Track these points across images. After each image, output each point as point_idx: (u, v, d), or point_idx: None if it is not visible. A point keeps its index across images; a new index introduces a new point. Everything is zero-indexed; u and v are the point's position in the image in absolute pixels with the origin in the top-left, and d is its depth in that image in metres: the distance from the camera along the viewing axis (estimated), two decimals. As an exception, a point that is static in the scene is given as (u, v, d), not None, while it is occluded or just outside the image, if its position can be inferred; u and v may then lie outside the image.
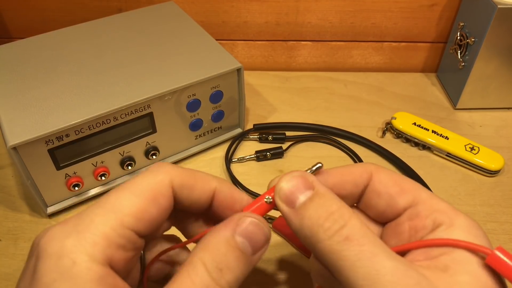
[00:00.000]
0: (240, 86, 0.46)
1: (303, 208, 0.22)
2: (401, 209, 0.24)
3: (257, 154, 0.48)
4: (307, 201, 0.22)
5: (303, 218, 0.21)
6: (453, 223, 0.21)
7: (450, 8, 0.58)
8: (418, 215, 0.23)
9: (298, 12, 0.59)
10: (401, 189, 0.24)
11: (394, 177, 0.24)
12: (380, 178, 0.24)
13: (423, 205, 0.23)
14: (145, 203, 0.21)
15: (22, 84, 0.41)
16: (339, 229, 0.20)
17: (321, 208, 0.21)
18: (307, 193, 0.22)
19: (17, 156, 0.36)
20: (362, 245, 0.20)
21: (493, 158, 0.46)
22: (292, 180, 0.23)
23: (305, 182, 0.23)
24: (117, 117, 0.40)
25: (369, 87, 0.59)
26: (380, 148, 0.49)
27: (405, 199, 0.23)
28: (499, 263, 0.19)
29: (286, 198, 0.22)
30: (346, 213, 0.21)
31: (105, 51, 0.46)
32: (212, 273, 0.20)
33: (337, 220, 0.21)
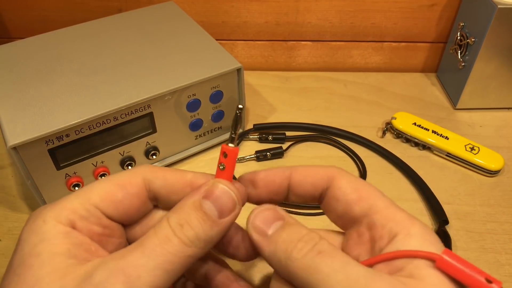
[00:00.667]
0: (240, 86, 0.46)
1: (276, 235, 0.23)
2: (357, 217, 0.24)
3: (257, 154, 0.48)
4: (279, 229, 0.23)
5: (276, 243, 0.23)
6: (409, 232, 0.22)
7: (450, 8, 0.58)
8: (375, 225, 0.23)
9: (298, 12, 0.59)
10: (358, 197, 0.24)
11: (354, 184, 0.25)
12: (340, 184, 0.25)
13: (379, 215, 0.23)
14: (111, 187, 0.24)
15: (22, 84, 0.41)
16: (311, 247, 0.22)
17: (293, 233, 0.23)
18: (278, 223, 0.24)
19: (17, 156, 0.36)
20: (334, 257, 0.21)
21: (493, 158, 0.46)
22: (264, 212, 0.24)
23: (275, 214, 0.24)
24: (117, 117, 0.40)
25: (369, 87, 0.59)
26: (380, 148, 0.49)
27: (361, 207, 0.24)
28: (448, 266, 0.20)
29: (259, 228, 0.24)
30: (315, 235, 0.22)
31: (105, 51, 0.46)
32: (173, 227, 0.22)
33: (308, 241, 0.22)
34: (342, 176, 0.25)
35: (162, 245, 0.21)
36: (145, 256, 0.21)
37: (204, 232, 0.22)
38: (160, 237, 0.22)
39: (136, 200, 0.25)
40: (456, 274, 0.20)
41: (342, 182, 0.25)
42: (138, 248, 0.21)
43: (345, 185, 0.25)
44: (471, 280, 0.20)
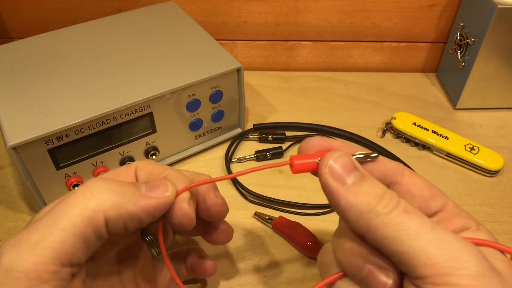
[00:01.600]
0: (240, 86, 0.46)
1: (357, 185, 0.22)
2: (432, 213, 0.25)
3: (257, 154, 0.48)
4: (359, 179, 0.22)
5: (357, 194, 0.22)
6: (479, 228, 0.24)
7: (450, 8, 0.58)
8: (449, 220, 0.24)
9: (298, 12, 0.59)
10: (433, 194, 0.25)
11: (426, 182, 0.26)
12: (415, 180, 0.25)
13: (452, 211, 0.24)
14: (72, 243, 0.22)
15: (22, 84, 0.41)
16: (396, 204, 0.21)
17: (375, 187, 0.22)
18: (357, 173, 0.23)
19: (17, 156, 0.36)
20: (422, 217, 0.21)
21: (493, 158, 0.46)
22: (342, 158, 0.23)
23: (353, 164, 0.23)
24: (117, 117, 0.40)
25: (369, 87, 0.59)
26: (380, 148, 0.49)
27: (437, 203, 0.25)
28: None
29: (338, 174, 0.23)
30: (395, 194, 0.22)
31: (105, 51, 0.46)
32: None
33: (391, 198, 0.22)
34: (412, 172, 0.26)
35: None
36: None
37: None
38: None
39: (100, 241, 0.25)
40: None
41: (416, 178, 0.25)
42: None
43: (420, 181, 0.25)
44: None
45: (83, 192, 0.23)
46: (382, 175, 0.25)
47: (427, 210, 0.25)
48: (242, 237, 0.40)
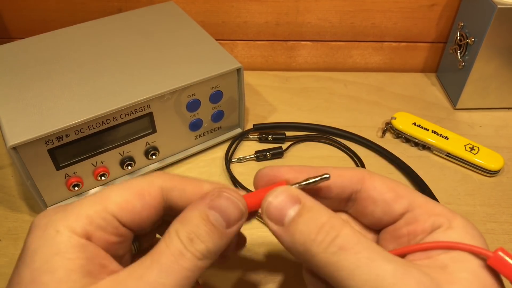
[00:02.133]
0: (240, 86, 0.46)
1: (293, 224, 0.22)
2: (398, 215, 0.24)
3: (257, 154, 0.48)
4: (295, 217, 0.22)
5: (294, 234, 0.21)
6: (451, 225, 0.22)
7: (450, 8, 0.58)
8: (417, 220, 0.23)
9: (298, 12, 0.59)
10: (397, 195, 0.24)
11: (388, 183, 0.24)
12: (374, 184, 0.24)
13: (420, 210, 0.23)
14: (129, 196, 0.23)
15: (22, 84, 0.41)
16: (332, 240, 0.20)
17: (311, 222, 0.21)
18: (295, 208, 0.22)
19: (17, 156, 0.36)
20: (358, 253, 0.20)
21: (493, 158, 0.46)
22: (278, 197, 0.23)
23: (291, 198, 0.23)
24: (117, 117, 0.40)
25: (369, 87, 0.59)
26: (380, 148, 0.49)
27: (402, 204, 0.23)
28: (502, 264, 0.20)
29: (274, 216, 0.22)
30: (336, 224, 0.21)
31: (105, 51, 0.46)
32: (184, 241, 0.21)
33: (329, 232, 0.21)
34: (373, 176, 0.25)
35: (178, 262, 0.21)
36: (163, 274, 0.20)
37: (214, 244, 0.22)
38: (174, 253, 0.21)
39: (153, 211, 0.24)
40: (509, 274, 0.20)
41: (375, 182, 0.24)
42: (154, 265, 0.20)
43: (380, 184, 0.24)
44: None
45: None
46: (341, 189, 0.25)
47: (391, 213, 0.24)
48: (242, 237, 0.40)
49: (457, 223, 0.22)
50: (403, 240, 0.23)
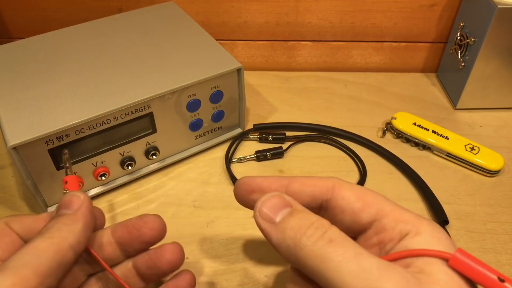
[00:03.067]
0: (240, 86, 0.46)
1: (285, 222, 0.23)
2: (366, 224, 0.24)
3: (257, 154, 0.48)
4: (287, 216, 0.23)
5: (285, 230, 0.22)
6: (418, 231, 0.22)
7: (450, 8, 0.58)
8: (384, 228, 0.23)
9: (298, 12, 0.59)
10: (364, 204, 0.24)
11: (357, 192, 0.25)
12: (343, 194, 0.25)
13: (387, 218, 0.23)
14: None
15: (22, 84, 0.41)
16: (322, 234, 0.21)
17: (302, 220, 0.22)
18: (286, 210, 0.23)
19: (17, 156, 0.36)
20: (346, 246, 0.21)
21: (493, 158, 0.46)
22: (271, 199, 0.24)
23: (283, 201, 0.24)
24: (117, 117, 0.40)
25: (369, 87, 0.59)
26: (380, 148, 0.49)
27: (368, 213, 0.24)
28: (461, 265, 0.21)
29: (266, 215, 0.24)
30: (325, 222, 0.22)
31: (105, 51, 0.46)
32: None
33: (318, 227, 0.22)
34: (343, 185, 0.25)
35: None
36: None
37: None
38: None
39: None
40: (468, 273, 0.20)
41: (344, 191, 0.25)
42: None
43: (348, 194, 0.25)
44: (484, 279, 0.20)
45: None
46: (311, 198, 0.25)
47: (359, 222, 0.24)
48: (242, 237, 0.40)
49: (424, 229, 0.22)
50: (375, 249, 0.24)
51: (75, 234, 0.25)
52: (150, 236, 0.29)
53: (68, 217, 0.26)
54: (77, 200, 0.27)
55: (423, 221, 0.23)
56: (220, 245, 0.39)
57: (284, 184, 0.26)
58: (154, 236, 0.29)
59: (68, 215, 0.26)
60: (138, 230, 0.29)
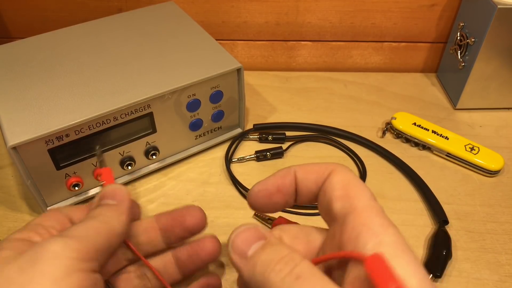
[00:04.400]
0: (240, 86, 0.46)
1: (256, 256, 0.22)
2: (335, 214, 0.23)
3: (257, 154, 0.48)
4: (259, 250, 0.23)
5: (255, 265, 0.22)
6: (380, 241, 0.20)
7: (450, 8, 0.58)
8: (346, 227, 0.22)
9: (298, 12, 0.59)
10: (344, 194, 0.23)
11: (346, 181, 0.24)
12: (332, 179, 0.24)
13: (353, 216, 0.22)
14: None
15: (22, 84, 0.41)
16: (290, 270, 0.21)
17: (272, 254, 0.22)
18: (259, 243, 0.23)
19: (17, 156, 0.36)
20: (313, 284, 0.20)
21: (493, 158, 0.46)
22: (245, 232, 0.24)
23: (257, 234, 0.23)
24: (117, 117, 0.40)
25: (369, 87, 0.59)
26: (380, 148, 0.49)
27: (341, 205, 0.23)
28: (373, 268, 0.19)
29: (239, 249, 0.23)
30: (296, 257, 0.21)
31: (105, 51, 0.46)
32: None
33: (288, 262, 0.21)
34: (338, 171, 0.24)
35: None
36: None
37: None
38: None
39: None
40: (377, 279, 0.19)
41: (335, 177, 0.24)
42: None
43: (336, 180, 0.24)
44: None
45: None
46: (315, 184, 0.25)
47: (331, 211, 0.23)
48: (242, 237, 0.40)
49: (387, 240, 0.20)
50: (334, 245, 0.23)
51: (120, 223, 0.26)
52: (193, 224, 0.30)
53: (115, 208, 0.27)
54: (121, 192, 0.27)
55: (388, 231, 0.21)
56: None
57: (292, 175, 0.26)
58: (197, 224, 0.30)
59: (115, 205, 0.27)
60: (182, 217, 0.30)
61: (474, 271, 0.38)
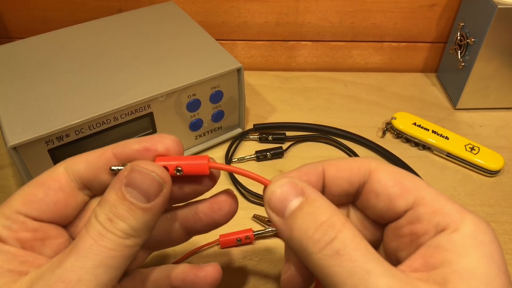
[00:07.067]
0: (240, 86, 0.46)
1: (292, 218, 0.21)
2: (402, 212, 0.22)
3: (257, 154, 0.48)
4: (296, 210, 0.21)
5: (292, 229, 0.20)
6: (458, 228, 0.20)
7: (450, 8, 0.58)
8: (419, 219, 0.21)
9: (298, 12, 0.59)
10: (402, 190, 0.22)
11: (395, 175, 0.22)
12: (379, 177, 0.22)
13: (424, 208, 0.21)
14: (30, 188, 0.23)
15: (22, 84, 0.41)
16: (329, 241, 0.19)
17: (310, 218, 0.20)
18: (297, 200, 0.21)
19: (17, 156, 0.36)
20: (354, 261, 0.19)
21: (493, 158, 0.46)
22: (281, 188, 0.22)
23: (294, 189, 0.22)
24: (117, 117, 0.40)
25: (369, 87, 0.59)
26: (380, 148, 0.49)
27: (406, 200, 0.21)
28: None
29: (276, 207, 0.22)
30: (337, 223, 0.20)
31: (105, 51, 0.46)
32: (103, 223, 0.21)
33: (327, 232, 0.19)
34: (381, 168, 0.23)
35: (98, 243, 0.20)
36: (82, 257, 0.20)
37: (137, 221, 0.21)
38: (93, 235, 0.20)
39: (61, 194, 0.23)
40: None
41: (381, 174, 0.22)
42: (73, 251, 0.20)
43: (386, 177, 0.22)
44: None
45: None
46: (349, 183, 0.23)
47: (394, 209, 0.22)
48: (242, 237, 0.40)
49: (464, 226, 0.19)
50: (406, 239, 0.22)
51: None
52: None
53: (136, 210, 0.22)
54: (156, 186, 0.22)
55: (466, 217, 0.20)
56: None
57: (319, 172, 0.24)
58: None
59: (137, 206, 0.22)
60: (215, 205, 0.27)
61: (474, 271, 0.38)
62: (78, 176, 0.23)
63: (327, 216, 0.20)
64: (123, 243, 0.21)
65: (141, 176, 0.21)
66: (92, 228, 0.21)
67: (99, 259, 0.20)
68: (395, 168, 0.23)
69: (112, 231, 0.21)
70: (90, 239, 0.20)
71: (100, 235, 0.20)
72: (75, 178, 0.23)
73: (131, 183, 0.21)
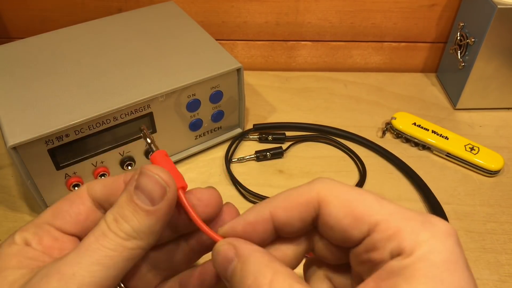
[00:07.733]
0: (240, 86, 0.46)
1: (232, 282, 0.22)
2: (359, 240, 0.21)
3: (257, 154, 0.48)
4: (232, 274, 0.22)
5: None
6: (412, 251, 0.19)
7: (450, 8, 0.58)
8: (375, 247, 0.20)
9: (298, 12, 0.59)
10: (354, 219, 0.21)
11: (345, 204, 0.21)
12: (330, 210, 0.22)
13: (379, 234, 0.20)
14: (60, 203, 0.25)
15: (22, 84, 0.41)
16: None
17: (240, 283, 0.21)
18: (233, 264, 0.22)
19: (17, 156, 0.36)
20: None
21: (493, 158, 0.46)
22: (220, 250, 0.23)
23: (231, 251, 0.22)
24: (117, 117, 0.40)
25: (369, 87, 0.59)
26: (380, 148, 0.49)
27: (360, 230, 0.21)
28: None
29: (220, 271, 0.23)
30: (262, 283, 0.20)
31: (105, 51, 0.46)
32: (108, 223, 0.22)
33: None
34: (330, 195, 0.22)
35: (98, 241, 0.21)
36: (81, 253, 0.21)
37: (140, 223, 0.22)
38: (96, 234, 0.22)
39: (82, 207, 0.25)
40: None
41: (331, 207, 0.22)
42: (77, 248, 0.22)
43: (336, 209, 0.21)
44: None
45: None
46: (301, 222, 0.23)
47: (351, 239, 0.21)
48: (242, 237, 0.40)
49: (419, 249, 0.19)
50: (366, 266, 0.21)
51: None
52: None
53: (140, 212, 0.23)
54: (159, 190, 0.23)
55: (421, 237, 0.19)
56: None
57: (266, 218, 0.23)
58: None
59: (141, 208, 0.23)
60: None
61: (474, 271, 0.38)
62: (95, 196, 0.25)
63: (252, 278, 0.20)
64: (123, 244, 0.22)
65: (146, 179, 0.22)
66: (98, 227, 0.22)
67: (96, 256, 0.21)
68: (345, 191, 0.22)
69: (115, 231, 0.22)
70: (92, 237, 0.22)
71: (103, 234, 0.22)
72: (93, 197, 0.25)
73: (139, 185, 0.22)
